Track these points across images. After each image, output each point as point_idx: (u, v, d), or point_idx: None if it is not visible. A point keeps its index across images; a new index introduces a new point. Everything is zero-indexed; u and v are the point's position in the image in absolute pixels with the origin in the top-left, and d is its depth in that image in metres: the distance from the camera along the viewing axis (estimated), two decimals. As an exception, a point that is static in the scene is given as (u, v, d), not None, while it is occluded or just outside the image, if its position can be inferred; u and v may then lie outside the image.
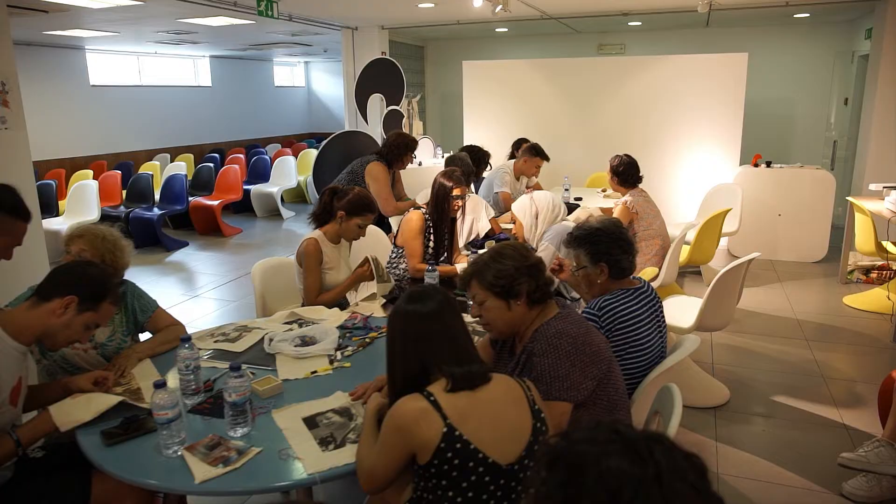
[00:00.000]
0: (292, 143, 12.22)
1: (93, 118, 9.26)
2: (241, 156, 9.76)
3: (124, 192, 7.62)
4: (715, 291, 3.20)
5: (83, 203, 6.73)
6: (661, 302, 2.26)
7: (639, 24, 7.95)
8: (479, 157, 4.65)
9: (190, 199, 7.78)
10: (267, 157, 9.58)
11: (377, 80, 7.04)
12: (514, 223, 3.28)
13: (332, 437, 1.73)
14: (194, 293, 5.61)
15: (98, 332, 2.30)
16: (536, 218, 3.08)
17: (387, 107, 7.08)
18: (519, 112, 7.21)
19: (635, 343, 2.08)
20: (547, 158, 5.15)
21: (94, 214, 6.68)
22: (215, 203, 7.66)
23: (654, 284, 4.00)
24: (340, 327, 2.51)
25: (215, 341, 2.42)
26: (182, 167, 8.67)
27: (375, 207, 3.00)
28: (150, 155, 9.97)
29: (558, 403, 1.65)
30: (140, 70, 10.17)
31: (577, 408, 1.68)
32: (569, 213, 4.46)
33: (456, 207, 3.35)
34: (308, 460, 1.63)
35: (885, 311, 4.62)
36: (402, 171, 4.73)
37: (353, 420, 1.80)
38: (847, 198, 5.18)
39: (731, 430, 3.15)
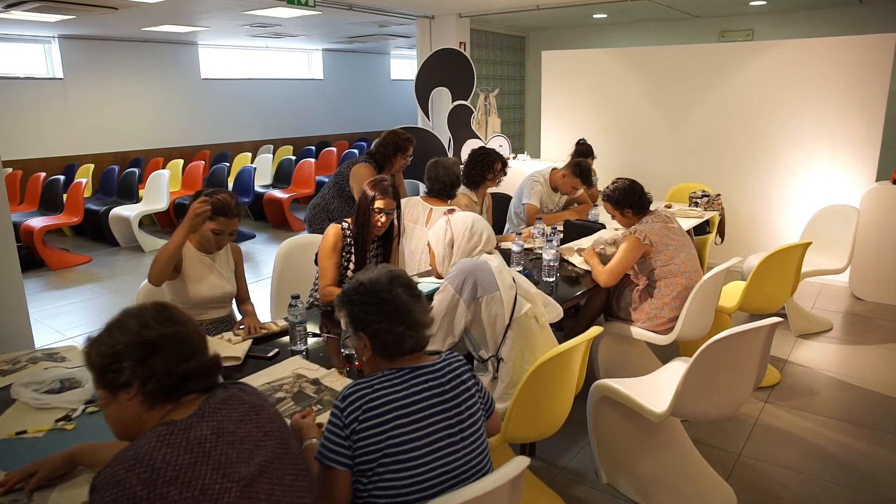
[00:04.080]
0: (402, 136, 12.05)
1: (202, 110, 9.74)
2: (334, 150, 9.73)
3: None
4: (702, 365, 2.24)
5: (157, 192, 7.00)
6: (476, 386, 1.51)
7: (763, 3, 6.50)
8: (484, 161, 3.90)
9: (265, 191, 7.85)
10: (357, 151, 9.44)
11: (443, 72, 6.47)
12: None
13: None
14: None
15: None
16: (451, 247, 2.35)
17: (453, 101, 6.51)
18: (600, 108, 6.24)
19: (399, 455, 1.33)
20: (589, 184, 4.37)
21: (163, 203, 6.92)
22: (285, 196, 7.62)
23: (668, 339, 3.05)
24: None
25: (-3, 370, 2.07)
26: (268, 160, 8.80)
27: (232, 212, 2.48)
28: (256, 146, 10.31)
29: None
30: (252, 63, 10.55)
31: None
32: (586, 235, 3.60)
33: (378, 223, 2.72)
34: None
35: None
36: None
37: None
38: None
39: (705, 569, 2.19)
